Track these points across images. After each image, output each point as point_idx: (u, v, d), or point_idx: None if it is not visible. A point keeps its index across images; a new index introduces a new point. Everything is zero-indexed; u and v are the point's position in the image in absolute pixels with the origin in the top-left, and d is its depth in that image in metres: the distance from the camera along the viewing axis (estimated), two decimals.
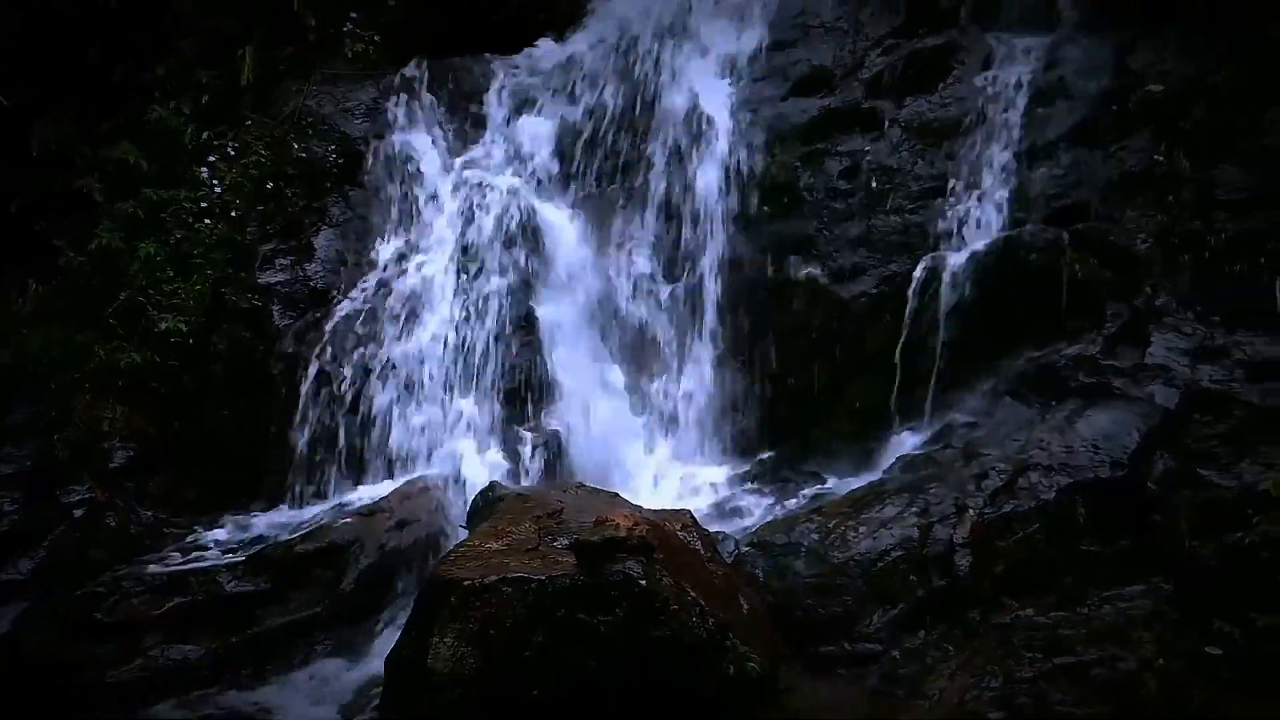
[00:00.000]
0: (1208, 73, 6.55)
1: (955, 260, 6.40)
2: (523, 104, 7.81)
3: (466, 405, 6.53)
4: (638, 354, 7.13)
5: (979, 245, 6.42)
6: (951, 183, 6.82)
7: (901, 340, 6.41)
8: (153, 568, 5.49)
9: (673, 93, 7.59)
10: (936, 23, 7.56)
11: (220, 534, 5.98)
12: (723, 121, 7.44)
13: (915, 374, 6.36)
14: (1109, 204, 6.43)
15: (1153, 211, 6.34)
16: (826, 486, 6.13)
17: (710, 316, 7.09)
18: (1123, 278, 6.20)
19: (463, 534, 5.20)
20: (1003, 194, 6.64)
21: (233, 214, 7.06)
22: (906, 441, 6.14)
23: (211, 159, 7.19)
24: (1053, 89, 6.89)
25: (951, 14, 7.62)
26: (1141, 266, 6.21)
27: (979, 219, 6.62)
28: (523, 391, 6.67)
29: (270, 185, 7.14)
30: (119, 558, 5.62)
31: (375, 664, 4.63)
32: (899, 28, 7.58)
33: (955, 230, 6.64)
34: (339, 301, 6.89)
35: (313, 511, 6.03)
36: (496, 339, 6.76)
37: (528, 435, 6.49)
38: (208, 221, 7.02)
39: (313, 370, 6.55)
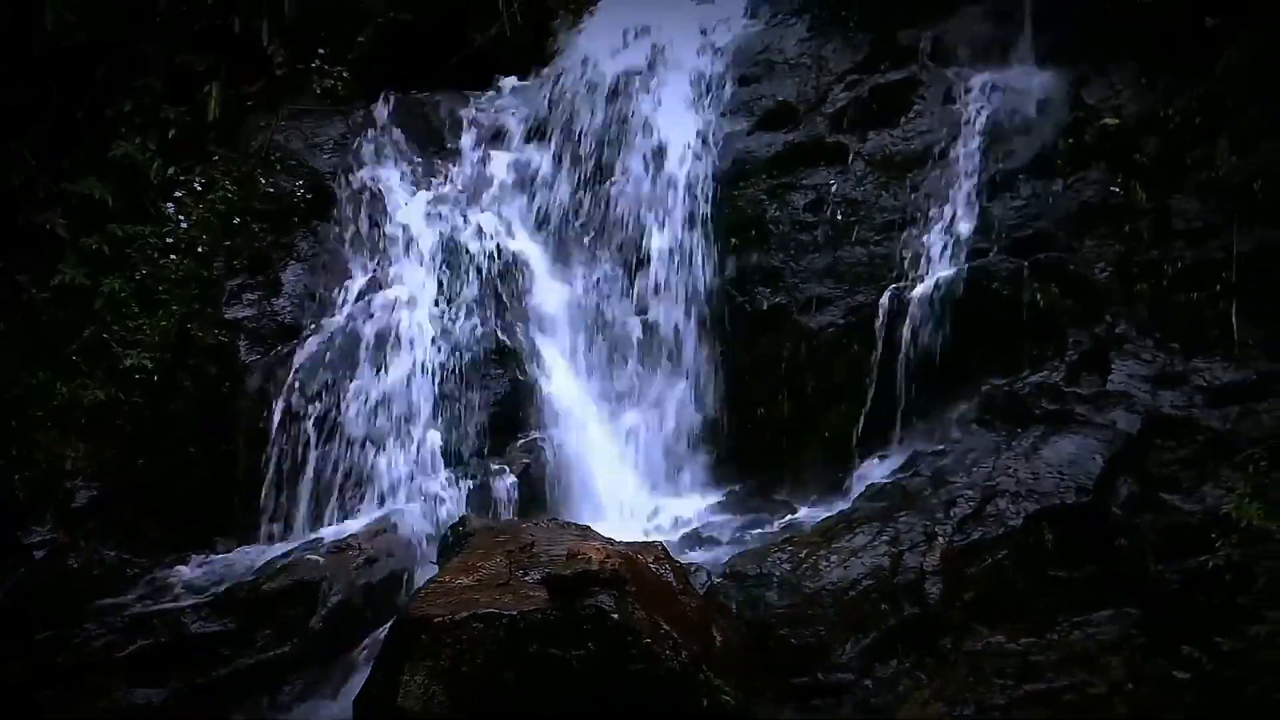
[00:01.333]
0: (1160, 107, 6.74)
1: (920, 290, 6.51)
2: (492, 139, 7.85)
3: (437, 439, 6.50)
4: (609, 386, 7.15)
5: (943, 275, 6.52)
6: (915, 214, 6.93)
7: (869, 370, 6.49)
8: (117, 609, 5.38)
9: (639, 127, 7.67)
10: (897, 59, 7.72)
11: (186, 573, 5.88)
12: (689, 155, 7.53)
13: (883, 403, 6.43)
14: (1068, 234, 6.58)
15: (1111, 241, 6.49)
16: (798, 516, 6.16)
17: (680, 348, 7.13)
18: (1083, 306, 6.33)
19: (433, 570, 5.15)
20: (965, 225, 6.76)
21: (199, 249, 7.02)
22: (876, 470, 6.19)
23: (178, 194, 7.15)
24: (1011, 122, 7.05)
25: (911, 50, 7.79)
26: (1101, 295, 6.34)
27: (942, 250, 6.73)
28: (493, 425, 6.65)
29: (237, 220, 7.10)
30: (82, 599, 5.50)
31: (345, 704, 4.57)
32: (861, 63, 7.74)
33: (920, 261, 6.75)
34: (307, 336, 6.85)
35: (280, 549, 5.95)
36: (466, 373, 6.74)
37: (499, 468, 6.47)
38: (174, 257, 6.97)
39: (280, 406, 6.50)
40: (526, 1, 8.77)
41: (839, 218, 7.04)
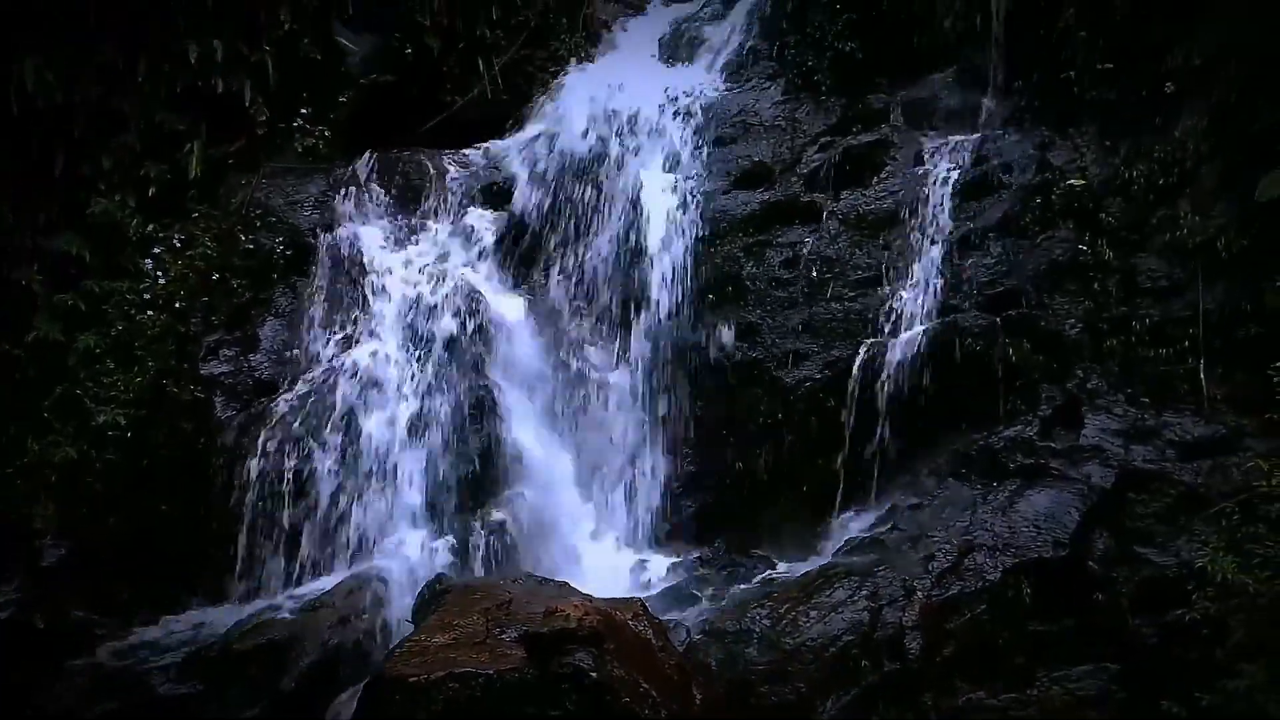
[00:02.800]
0: (1123, 169, 6.95)
1: (895, 346, 6.60)
2: (471, 197, 7.93)
3: (413, 495, 6.45)
4: (587, 441, 7.15)
5: (917, 331, 6.63)
6: (889, 271, 7.06)
7: (846, 424, 6.54)
8: (85, 670, 5.25)
9: (618, 186, 7.79)
10: (869, 121, 7.93)
11: (156, 633, 5.75)
12: (666, 213, 7.63)
13: (860, 457, 6.47)
14: (1039, 291, 6.71)
15: (1080, 298, 6.63)
16: (777, 571, 6.15)
17: (658, 403, 7.16)
18: (1055, 362, 6.44)
19: (408, 628, 5.07)
20: (937, 282, 6.89)
21: (177, 305, 6.99)
22: (854, 524, 6.21)
23: (156, 250, 7.14)
24: (980, 183, 7.23)
25: (883, 113, 8.01)
26: (1072, 351, 6.45)
27: (916, 306, 6.84)
28: (470, 481, 6.62)
29: (216, 277, 7.09)
30: (49, 660, 5.36)
31: None
32: (834, 126, 7.93)
33: (894, 317, 6.85)
34: (284, 392, 6.81)
35: (252, 608, 5.85)
36: (444, 429, 6.72)
37: (475, 525, 6.42)
38: (150, 313, 6.94)
39: (255, 463, 6.43)
40: (507, 65, 8.94)
41: (814, 275, 7.15)
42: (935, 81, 8.17)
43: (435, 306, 7.23)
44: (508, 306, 7.40)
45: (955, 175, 7.28)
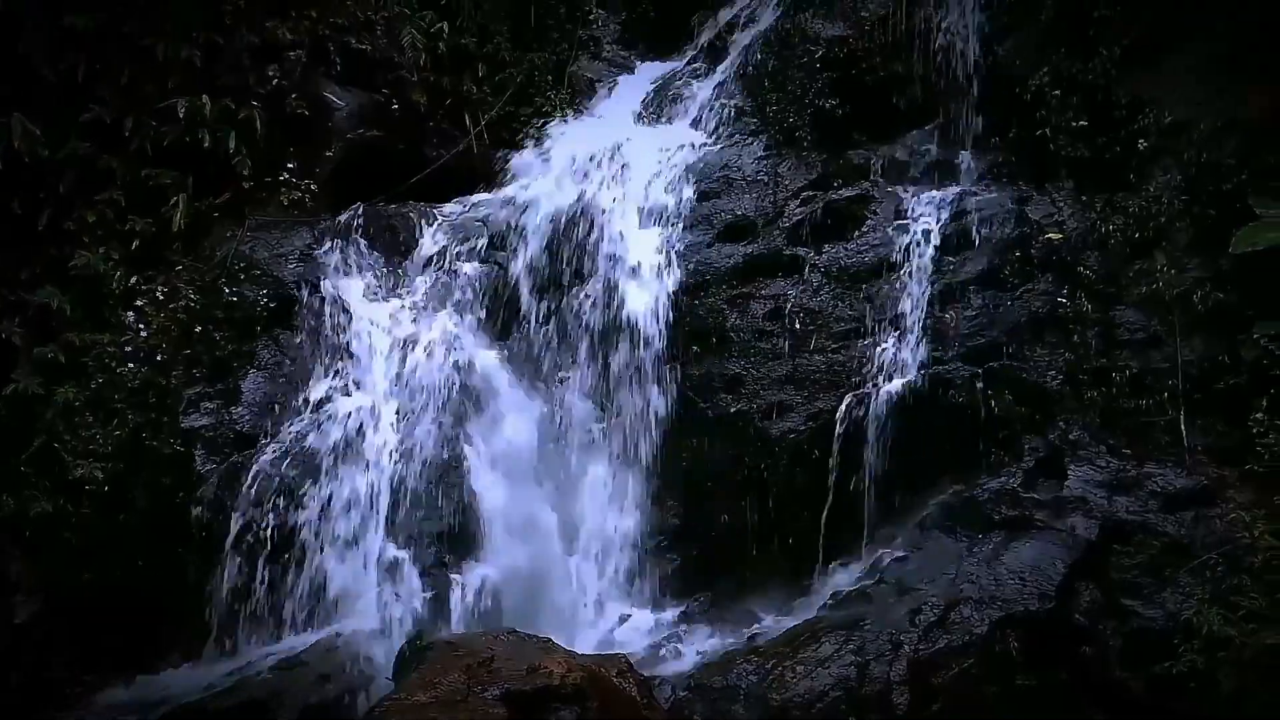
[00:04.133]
0: (1099, 223, 7.08)
1: (878, 397, 6.63)
2: (457, 250, 7.97)
3: (395, 550, 6.38)
4: (570, 494, 7.11)
5: (900, 383, 6.67)
6: (871, 324, 7.11)
7: (831, 476, 6.54)
8: None
9: (603, 238, 7.85)
10: (850, 176, 8.06)
11: (132, 692, 5.62)
12: (651, 265, 7.69)
13: (845, 509, 6.47)
14: (1019, 343, 6.79)
15: (1061, 350, 6.71)
16: (763, 625, 6.09)
17: (643, 455, 7.14)
18: (1037, 413, 6.49)
19: (389, 687, 4.98)
20: (919, 334, 6.94)
21: (158, 358, 6.94)
22: (840, 577, 6.17)
23: (139, 303, 7.11)
24: (960, 237, 7.34)
25: (863, 169, 8.15)
26: (1054, 402, 6.51)
27: (898, 358, 6.89)
28: (452, 535, 6.55)
29: (199, 329, 7.06)
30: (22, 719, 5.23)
31: None
32: (815, 180, 8.05)
33: (877, 369, 6.90)
34: (265, 445, 6.75)
35: (230, 666, 5.73)
36: (427, 482, 6.67)
37: (458, 580, 6.34)
38: (131, 366, 6.89)
39: (235, 517, 6.35)
40: (493, 121, 9.05)
41: (798, 326, 7.20)
42: (914, 138, 8.33)
43: (418, 359, 7.22)
44: (491, 359, 7.39)
45: (935, 229, 7.38)
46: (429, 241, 7.99)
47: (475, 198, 8.44)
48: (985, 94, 8.23)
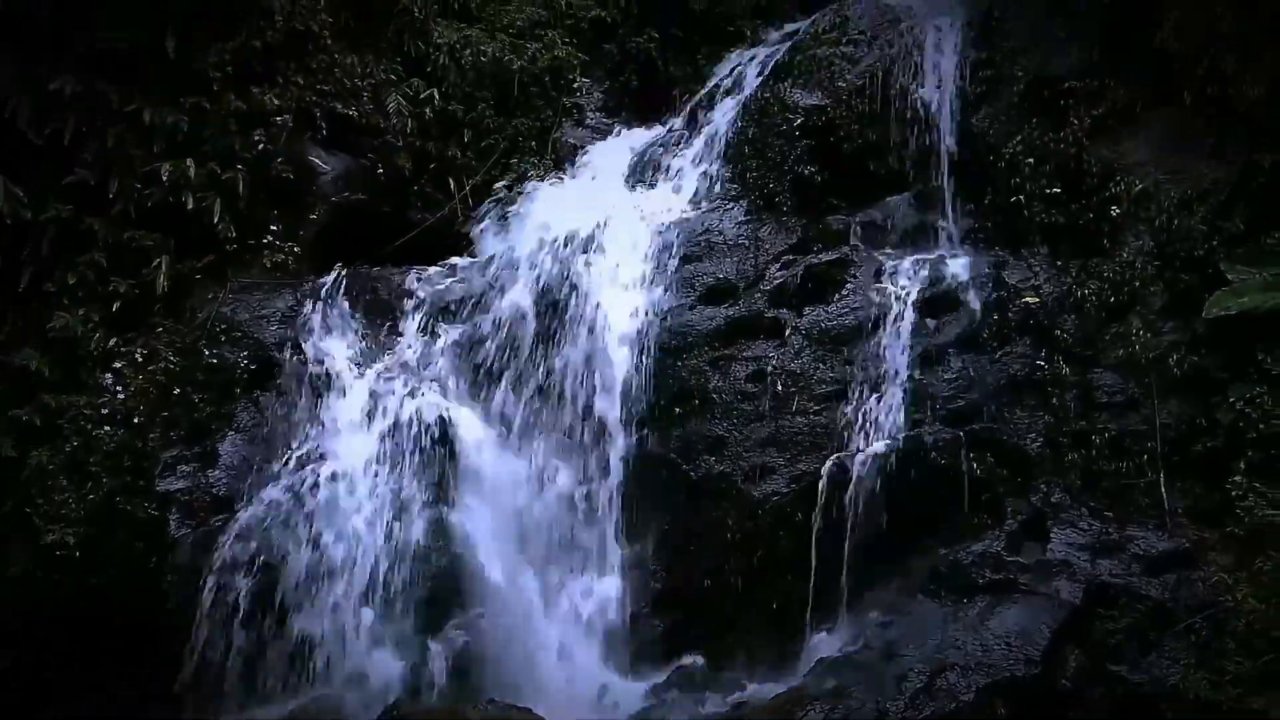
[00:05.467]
0: (1075, 288, 7.18)
1: (861, 460, 6.63)
2: (439, 312, 7.98)
3: (372, 617, 6.26)
4: (552, 559, 7.03)
5: (882, 445, 6.68)
6: (852, 386, 7.14)
7: (814, 539, 6.50)
8: None
9: (585, 302, 7.88)
10: (829, 241, 8.16)
11: None
12: (633, 328, 7.72)
13: (830, 572, 6.42)
14: (999, 406, 6.83)
15: (1040, 413, 6.75)
16: (747, 692, 6.01)
17: (625, 519, 7.09)
18: (1018, 475, 6.51)
19: None
20: (900, 397, 6.97)
21: (135, 420, 6.87)
22: (825, 642, 6.11)
23: (117, 365, 7.06)
24: (938, 300, 7.42)
25: (843, 234, 8.26)
26: (1035, 465, 6.54)
27: (880, 420, 6.90)
28: (432, 601, 6.46)
29: (178, 391, 7.01)
30: None
31: None
32: (795, 245, 8.15)
33: (859, 431, 6.91)
34: (242, 509, 6.65)
35: None
36: (407, 547, 6.59)
37: (436, 647, 6.23)
38: (108, 428, 6.81)
39: (210, 582, 6.23)
40: (477, 186, 9.15)
41: (780, 388, 7.21)
42: (892, 203, 8.47)
43: (399, 422, 7.18)
44: (472, 422, 7.36)
45: (914, 292, 7.47)
46: (411, 304, 8.01)
47: (458, 261, 8.48)
48: (961, 161, 8.40)
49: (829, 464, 6.68)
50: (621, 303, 7.86)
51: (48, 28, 7.31)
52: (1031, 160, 7.81)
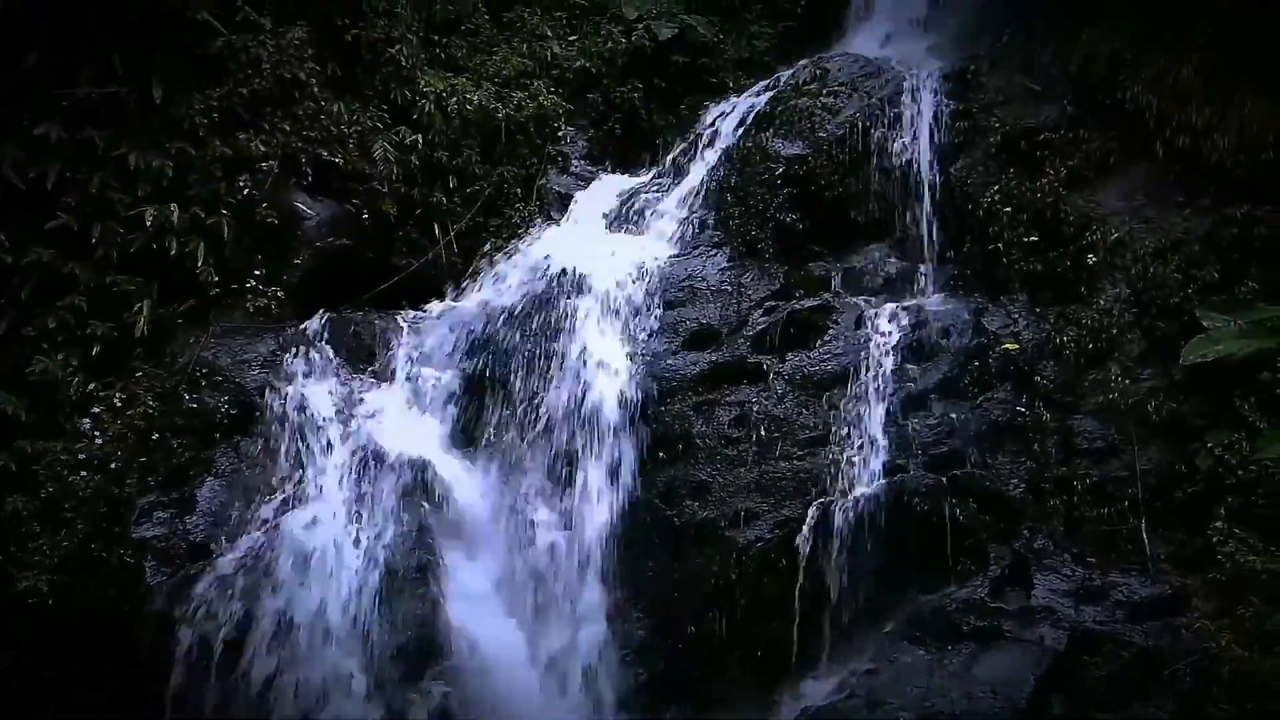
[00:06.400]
0: (1054, 334, 7.27)
1: (844, 505, 6.63)
2: (422, 357, 7.97)
3: (352, 666, 6.16)
4: (534, 606, 6.95)
5: (865, 491, 6.69)
6: (835, 431, 7.16)
7: (798, 585, 6.47)
8: None
9: (568, 346, 7.90)
10: (811, 287, 8.25)
11: None
12: (617, 373, 7.73)
13: (814, 619, 6.37)
14: (981, 451, 6.87)
15: (1022, 458, 6.80)
16: None
17: (608, 565, 7.03)
18: (1001, 521, 6.53)
19: None
20: (883, 442, 7.00)
21: (112, 465, 6.77)
22: (810, 691, 6.05)
23: (96, 410, 6.97)
24: (919, 346, 7.50)
25: (824, 280, 8.36)
26: (1017, 511, 6.56)
27: (863, 466, 6.92)
28: (412, 649, 6.36)
29: (156, 436, 6.92)
30: None
31: None
32: (777, 291, 8.23)
33: (842, 476, 6.91)
34: (219, 556, 6.55)
35: None
36: (384, 595, 6.49)
37: (416, 698, 6.12)
38: (84, 474, 6.70)
39: (184, 632, 6.12)
40: (462, 231, 9.19)
41: (763, 433, 7.23)
42: (873, 251, 8.58)
43: (381, 467, 7.13)
44: (455, 468, 7.33)
45: (896, 339, 7.54)
46: (395, 349, 7.99)
47: (442, 305, 8.49)
48: (940, 210, 8.54)
49: (812, 509, 6.67)
50: (605, 348, 7.88)
51: (36, 75, 7.35)
52: (1009, 209, 7.94)
